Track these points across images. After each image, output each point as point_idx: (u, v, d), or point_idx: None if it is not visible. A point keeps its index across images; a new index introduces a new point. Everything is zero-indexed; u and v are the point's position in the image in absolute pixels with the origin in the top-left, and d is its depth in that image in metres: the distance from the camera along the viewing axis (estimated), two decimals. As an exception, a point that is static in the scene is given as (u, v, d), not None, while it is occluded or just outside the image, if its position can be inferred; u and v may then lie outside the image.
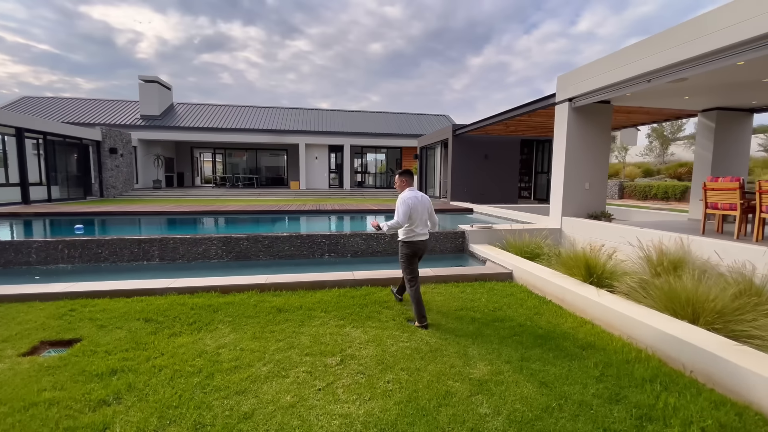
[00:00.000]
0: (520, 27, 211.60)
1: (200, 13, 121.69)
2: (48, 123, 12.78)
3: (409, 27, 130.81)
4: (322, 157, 22.67)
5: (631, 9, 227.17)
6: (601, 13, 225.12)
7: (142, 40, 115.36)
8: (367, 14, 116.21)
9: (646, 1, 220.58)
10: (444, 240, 6.98)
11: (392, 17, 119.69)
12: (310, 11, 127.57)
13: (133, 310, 3.91)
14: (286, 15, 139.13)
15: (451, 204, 13.29)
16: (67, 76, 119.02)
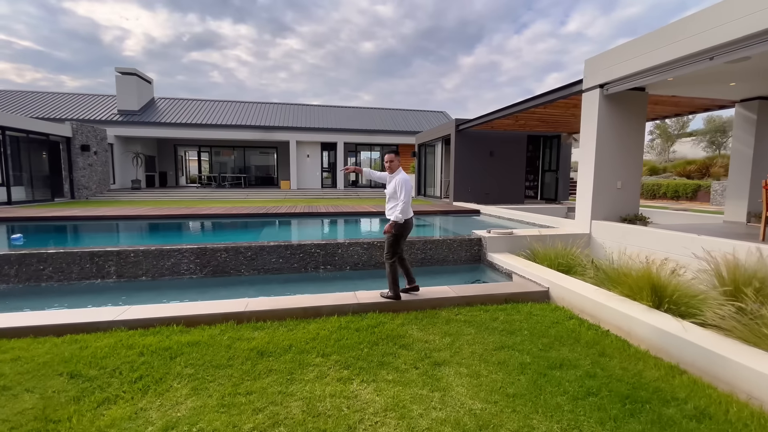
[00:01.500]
0: (511, 27, 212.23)
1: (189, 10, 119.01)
2: (6, 116, 11.48)
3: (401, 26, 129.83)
4: (314, 155, 21.57)
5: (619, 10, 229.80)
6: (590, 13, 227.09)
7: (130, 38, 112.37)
8: (359, 13, 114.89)
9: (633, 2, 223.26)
10: (458, 248, 6.02)
11: (384, 16, 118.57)
12: (302, 9, 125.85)
13: (58, 357, 2.85)
14: (277, 13, 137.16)
15: (455, 205, 12.35)
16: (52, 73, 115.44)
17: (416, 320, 3.67)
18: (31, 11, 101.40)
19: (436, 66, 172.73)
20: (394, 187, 3.96)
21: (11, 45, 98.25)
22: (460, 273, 5.78)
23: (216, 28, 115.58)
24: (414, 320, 3.67)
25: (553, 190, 14.16)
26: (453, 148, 13.10)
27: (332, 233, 8.46)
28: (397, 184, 3.94)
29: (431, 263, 5.93)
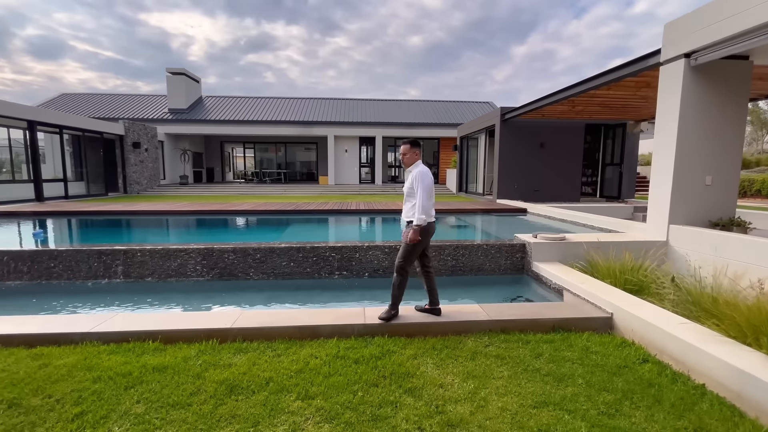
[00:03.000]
0: (569, 12, 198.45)
1: (246, 14, 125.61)
2: (64, 116, 12.26)
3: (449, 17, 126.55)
4: (353, 150, 21.17)
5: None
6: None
7: (194, 44, 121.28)
8: (407, 6, 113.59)
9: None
10: (495, 254, 5.11)
11: (432, 8, 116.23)
12: (350, 7, 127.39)
13: (10, 378, 2.49)
14: (327, 12, 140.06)
15: (498, 203, 11.21)
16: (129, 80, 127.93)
17: (433, 351, 2.91)
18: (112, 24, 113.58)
19: (486, 57, 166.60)
20: (411, 182, 3.24)
21: (97, 56, 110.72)
22: (498, 286, 4.88)
23: (270, 30, 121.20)
24: (431, 351, 2.91)
25: (616, 187, 12.41)
26: (497, 140, 11.91)
27: (355, 234, 7.84)
28: (414, 179, 3.21)
29: (462, 272, 5.08)
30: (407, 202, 3.27)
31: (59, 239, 6.66)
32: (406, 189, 3.27)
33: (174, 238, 7.45)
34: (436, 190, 18.63)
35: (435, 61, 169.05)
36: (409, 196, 3.25)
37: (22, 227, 7.27)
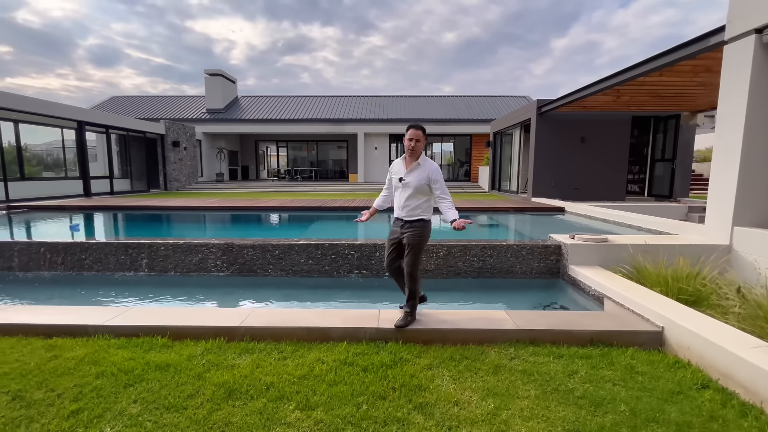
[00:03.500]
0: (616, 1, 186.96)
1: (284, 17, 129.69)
2: (109, 117, 13.03)
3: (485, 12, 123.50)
4: (382, 148, 21.01)
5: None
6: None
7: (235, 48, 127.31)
8: (442, 2, 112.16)
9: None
10: (527, 256, 4.70)
11: (468, 3, 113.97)
12: (385, 6, 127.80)
13: (21, 369, 2.49)
14: (362, 11, 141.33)
15: (533, 201, 10.59)
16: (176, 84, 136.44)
17: (451, 362, 2.63)
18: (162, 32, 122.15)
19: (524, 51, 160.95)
20: (427, 177, 2.94)
21: (148, 62, 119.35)
22: (529, 291, 4.48)
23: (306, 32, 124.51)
24: (448, 361, 2.63)
25: (667, 185, 11.35)
26: (533, 135, 11.25)
27: (379, 231, 7.62)
28: (432, 173, 2.95)
29: (490, 274, 4.72)
30: (412, 198, 2.93)
31: (94, 233, 6.98)
32: (416, 183, 2.91)
33: (203, 233, 7.61)
34: (470, 188, 18.06)
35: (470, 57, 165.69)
36: (420, 192, 2.94)
37: (64, 221, 7.72)
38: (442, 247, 4.72)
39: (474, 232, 7.48)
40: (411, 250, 2.96)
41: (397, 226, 3.02)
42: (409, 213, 2.95)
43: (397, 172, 3.00)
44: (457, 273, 4.73)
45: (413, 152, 2.93)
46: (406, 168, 2.96)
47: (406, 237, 2.96)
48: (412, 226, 2.96)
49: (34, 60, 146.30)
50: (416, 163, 2.95)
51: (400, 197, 2.97)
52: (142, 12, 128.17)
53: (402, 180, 2.94)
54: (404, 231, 2.96)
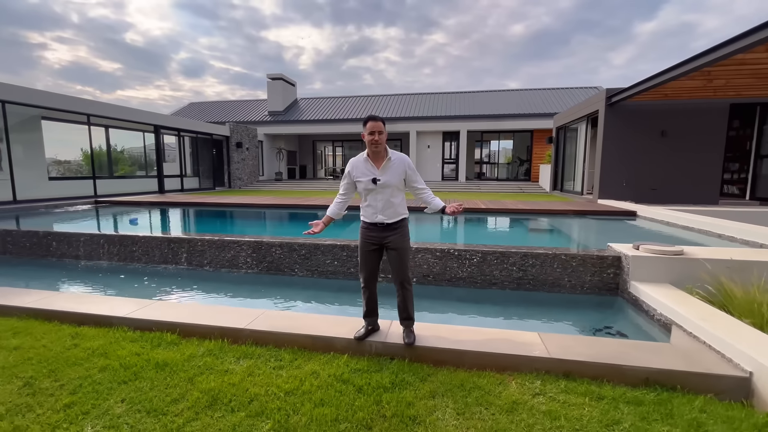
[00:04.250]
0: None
1: (348, 21, 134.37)
2: (181, 120, 14.31)
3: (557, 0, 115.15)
4: (435, 146, 20.44)
5: None
6: None
7: (303, 54, 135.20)
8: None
9: None
10: (578, 267, 4.05)
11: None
12: (448, 2, 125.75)
13: (41, 356, 2.65)
14: (425, 10, 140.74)
15: (600, 203, 9.41)
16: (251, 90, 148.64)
17: (459, 390, 2.25)
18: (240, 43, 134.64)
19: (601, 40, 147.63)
20: (403, 170, 2.65)
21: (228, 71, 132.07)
22: (578, 309, 3.84)
23: (370, 34, 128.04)
24: (456, 390, 2.26)
25: (777, 186, 9.36)
26: (601, 129, 9.99)
27: (416, 234, 7.25)
28: (408, 167, 2.67)
29: (532, 287, 4.15)
30: (395, 197, 2.62)
31: (151, 227, 7.61)
32: (396, 181, 2.60)
33: (253, 230, 7.92)
34: (529, 188, 16.77)
35: (539, 50, 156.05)
36: (399, 189, 2.66)
37: (133, 215, 8.56)
38: (477, 253, 4.25)
39: (517, 237, 6.79)
40: (401, 256, 2.66)
41: (374, 232, 2.65)
42: (391, 215, 2.64)
43: (363, 174, 2.62)
44: (493, 283, 4.24)
45: (378, 146, 2.56)
46: (375, 167, 2.61)
47: (393, 242, 2.64)
48: (395, 228, 2.65)
49: (138, 74, 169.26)
50: (387, 158, 2.62)
51: (376, 200, 2.61)
52: (224, 26, 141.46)
53: (377, 181, 2.59)
54: (388, 236, 2.64)
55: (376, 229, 2.64)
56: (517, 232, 7.22)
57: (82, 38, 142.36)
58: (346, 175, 2.71)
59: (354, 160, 2.70)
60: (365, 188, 2.61)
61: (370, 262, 2.70)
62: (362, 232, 2.70)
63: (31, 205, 9.02)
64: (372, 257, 2.69)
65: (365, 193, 2.64)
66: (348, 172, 2.69)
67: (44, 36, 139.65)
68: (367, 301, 2.78)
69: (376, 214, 2.62)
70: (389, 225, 2.63)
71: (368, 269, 2.71)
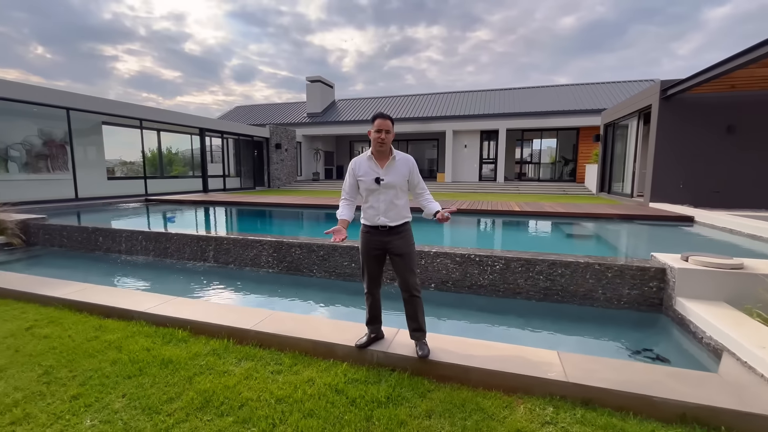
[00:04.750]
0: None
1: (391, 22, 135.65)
2: (224, 123, 15.06)
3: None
4: (473, 145, 19.84)
5: None
6: None
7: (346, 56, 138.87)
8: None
9: None
10: (614, 278, 3.66)
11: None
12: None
13: (64, 345, 2.81)
14: (468, 7, 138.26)
15: (651, 207, 8.58)
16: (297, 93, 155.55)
17: (459, 412, 2.06)
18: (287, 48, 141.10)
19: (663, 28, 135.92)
20: (407, 171, 2.53)
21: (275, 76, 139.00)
22: (612, 326, 3.46)
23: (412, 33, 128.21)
24: (456, 410, 2.08)
25: None
26: (655, 125, 9.10)
27: (439, 237, 7.00)
28: (413, 168, 2.57)
29: (560, 298, 3.81)
30: (398, 199, 2.49)
31: (185, 225, 8.02)
32: (399, 182, 2.48)
33: (281, 229, 8.11)
34: (573, 189, 15.75)
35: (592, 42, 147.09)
36: (403, 191, 2.53)
37: (171, 213, 9.10)
38: (500, 259, 3.98)
39: (550, 242, 6.31)
40: (406, 262, 2.50)
41: (376, 236, 2.50)
42: (394, 217, 2.49)
43: (367, 173, 2.49)
44: (517, 292, 3.95)
45: (383, 145, 2.44)
46: (379, 166, 2.48)
47: (397, 247, 2.49)
48: (399, 232, 2.50)
49: (195, 81, 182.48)
50: (392, 158, 2.49)
51: (378, 201, 2.48)
52: (272, 32, 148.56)
53: (380, 181, 2.45)
54: (391, 240, 2.49)
55: (377, 232, 2.50)
56: (552, 237, 6.75)
57: (148, 49, 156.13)
58: (349, 173, 2.57)
59: (357, 158, 2.58)
60: (367, 188, 2.49)
61: (372, 268, 2.56)
62: (363, 237, 2.55)
63: (90, 203, 9.91)
64: (374, 263, 2.55)
65: (367, 194, 2.52)
66: (351, 170, 2.57)
67: (116, 49, 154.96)
68: (371, 307, 2.66)
69: (378, 216, 2.48)
70: (392, 228, 2.48)
71: (371, 275, 2.58)
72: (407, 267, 2.50)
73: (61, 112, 9.62)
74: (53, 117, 9.67)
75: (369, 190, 2.49)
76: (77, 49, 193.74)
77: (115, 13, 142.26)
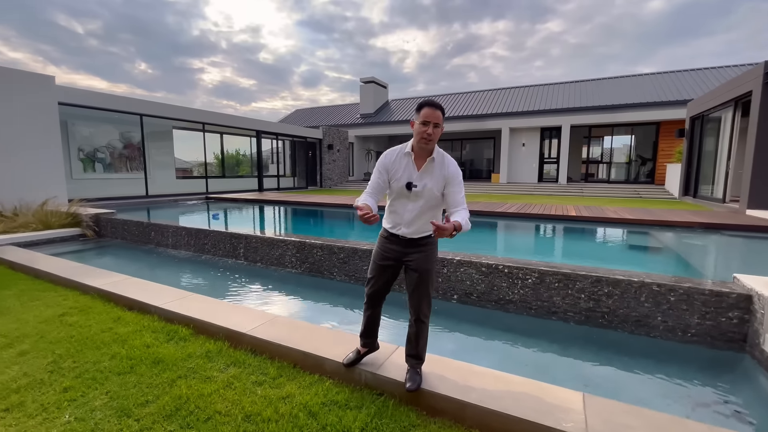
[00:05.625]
0: None
1: (454, 19, 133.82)
2: (279, 126, 15.75)
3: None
4: (532, 144, 18.45)
5: None
6: None
7: (408, 57, 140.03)
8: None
9: None
10: (678, 304, 2.96)
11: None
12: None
13: (81, 335, 2.96)
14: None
15: (748, 215, 7.11)
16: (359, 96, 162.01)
17: (441, 460, 1.71)
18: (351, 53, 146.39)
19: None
20: (444, 178, 2.06)
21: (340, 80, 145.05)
22: (670, 363, 2.78)
23: (476, 30, 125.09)
24: (438, 457, 1.73)
25: None
26: (756, 114, 7.53)
27: (463, 244, 6.43)
28: (453, 175, 2.05)
29: (607, 323, 3.19)
30: (428, 212, 2.06)
31: (233, 222, 8.40)
32: (435, 191, 2.04)
33: (319, 228, 8.16)
34: (650, 192, 13.85)
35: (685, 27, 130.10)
36: (435, 202, 2.06)
37: (219, 211, 9.63)
38: (532, 272, 3.46)
39: (601, 254, 5.41)
40: (423, 280, 2.12)
41: (394, 244, 2.15)
42: (418, 230, 2.10)
43: (401, 174, 2.06)
44: (552, 312, 3.40)
45: (430, 142, 1.99)
46: (416, 167, 2.06)
47: (415, 261, 2.11)
48: (420, 245, 2.12)
49: (268, 88, 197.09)
50: (430, 158, 2.04)
51: (405, 209, 2.08)
52: (337, 38, 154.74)
53: (413, 186, 2.04)
54: (410, 253, 2.12)
55: (396, 241, 2.13)
56: (607, 248, 5.86)
57: (228, 61, 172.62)
58: (379, 170, 2.07)
59: (391, 152, 2.10)
60: (395, 191, 2.09)
61: (380, 280, 2.23)
62: (379, 241, 2.22)
63: (158, 200, 10.97)
64: (385, 273, 2.21)
65: (392, 197, 2.13)
66: (383, 166, 2.06)
67: (202, 62, 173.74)
68: (368, 319, 2.37)
69: (400, 226, 2.10)
70: (413, 240, 2.11)
71: (377, 288, 2.26)
72: (423, 287, 2.12)
73: (137, 117, 10.76)
74: (131, 122, 10.85)
75: (395, 193, 2.10)
76: (171, 63, 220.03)
77: (202, 30, 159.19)
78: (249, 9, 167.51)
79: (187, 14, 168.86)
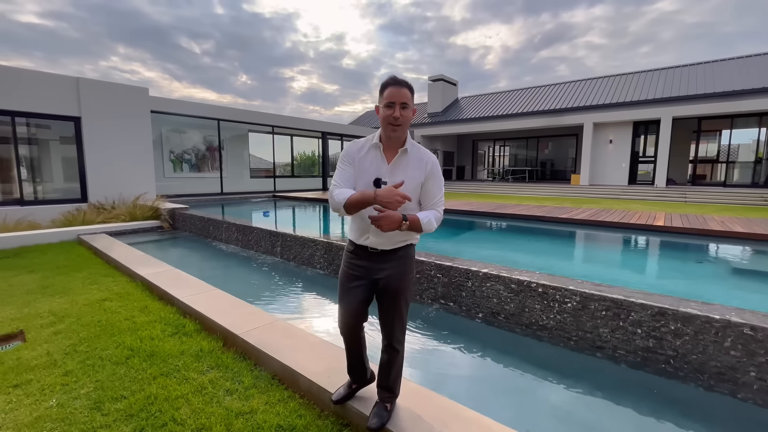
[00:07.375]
0: None
1: (543, 10, 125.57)
2: (342, 127, 16.12)
3: None
4: (621, 140, 16.05)
5: None
6: None
7: (490, 53, 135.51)
8: None
9: None
10: (718, 344, 2.10)
11: None
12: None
13: (107, 320, 3.21)
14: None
15: None
16: None
17: None
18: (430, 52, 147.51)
19: None
20: (422, 174, 1.71)
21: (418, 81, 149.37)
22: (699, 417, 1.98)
23: (568, 19, 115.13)
24: None
25: None
26: None
27: (468, 251, 5.61)
28: (432, 167, 1.72)
29: (672, 371, 2.44)
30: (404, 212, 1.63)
31: (283, 220, 8.71)
32: (411, 186, 1.67)
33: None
34: (749, 196, 11.03)
35: None
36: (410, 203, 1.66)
37: (269, 208, 10.07)
38: (573, 293, 2.82)
39: (685, 277, 4.22)
40: (396, 302, 1.75)
41: (362, 259, 1.76)
42: (389, 240, 1.71)
43: (368, 167, 1.70)
44: (596, 347, 2.72)
45: (398, 127, 1.63)
46: (385, 160, 1.70)
47: (386, 278, 1.73)
48: (393, 259, 1.74)
49: (350, 92, 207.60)
50: (402, 149, 1.69)
51: (371, 212, 1.61)
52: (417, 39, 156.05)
53: (382, 183, 1.67)
54: (381, 268, 1.74)
55: (365, 255, 1.75)
56: (695, 270, 4.64)
57: (315, 68, 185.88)
58: (344, 161, 1.72)
59: (357, 143, 1.75)
60: (362, 188, 1.69)
61: (350, 305, 1.77)
62: (345, 256, 1.83)
63: (230, 197, 12.01)
64: (355, 295, 1.76)
65: None
66: (349, 157, 1.71)
67: (293, 71, 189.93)
68: (351, 357, 1.94)
69: (367, 234, 1.71)
70: (386, 252, 1.73)
71: (349, 314, 1.79)
72: (395, 309, 1.76)
73: (215, 122, 11.92)
74: (213, 127, 12.06)
75: None
76: (267, 73, 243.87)
77: (293, 41, 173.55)
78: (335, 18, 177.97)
79: (281, 28, 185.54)
